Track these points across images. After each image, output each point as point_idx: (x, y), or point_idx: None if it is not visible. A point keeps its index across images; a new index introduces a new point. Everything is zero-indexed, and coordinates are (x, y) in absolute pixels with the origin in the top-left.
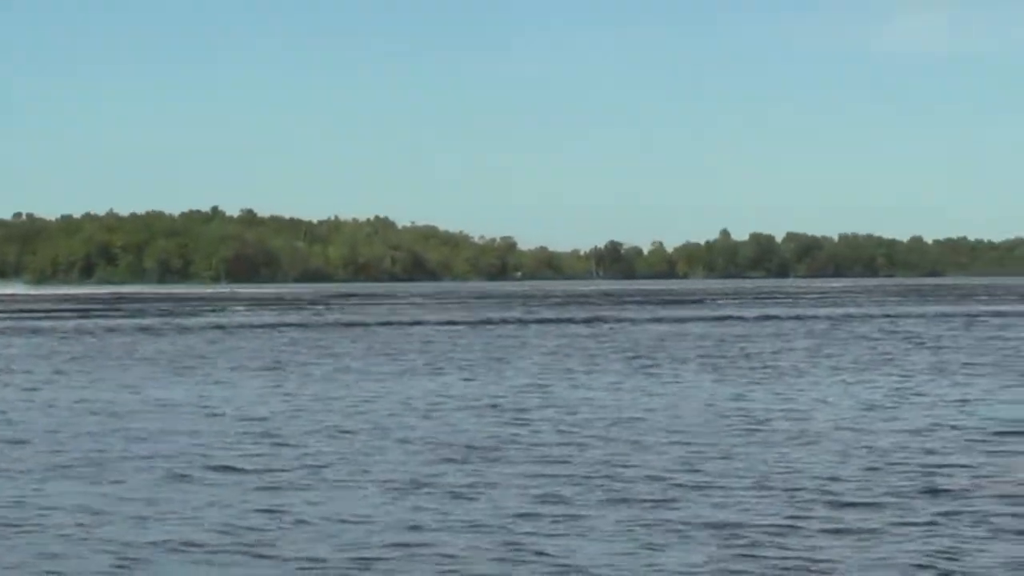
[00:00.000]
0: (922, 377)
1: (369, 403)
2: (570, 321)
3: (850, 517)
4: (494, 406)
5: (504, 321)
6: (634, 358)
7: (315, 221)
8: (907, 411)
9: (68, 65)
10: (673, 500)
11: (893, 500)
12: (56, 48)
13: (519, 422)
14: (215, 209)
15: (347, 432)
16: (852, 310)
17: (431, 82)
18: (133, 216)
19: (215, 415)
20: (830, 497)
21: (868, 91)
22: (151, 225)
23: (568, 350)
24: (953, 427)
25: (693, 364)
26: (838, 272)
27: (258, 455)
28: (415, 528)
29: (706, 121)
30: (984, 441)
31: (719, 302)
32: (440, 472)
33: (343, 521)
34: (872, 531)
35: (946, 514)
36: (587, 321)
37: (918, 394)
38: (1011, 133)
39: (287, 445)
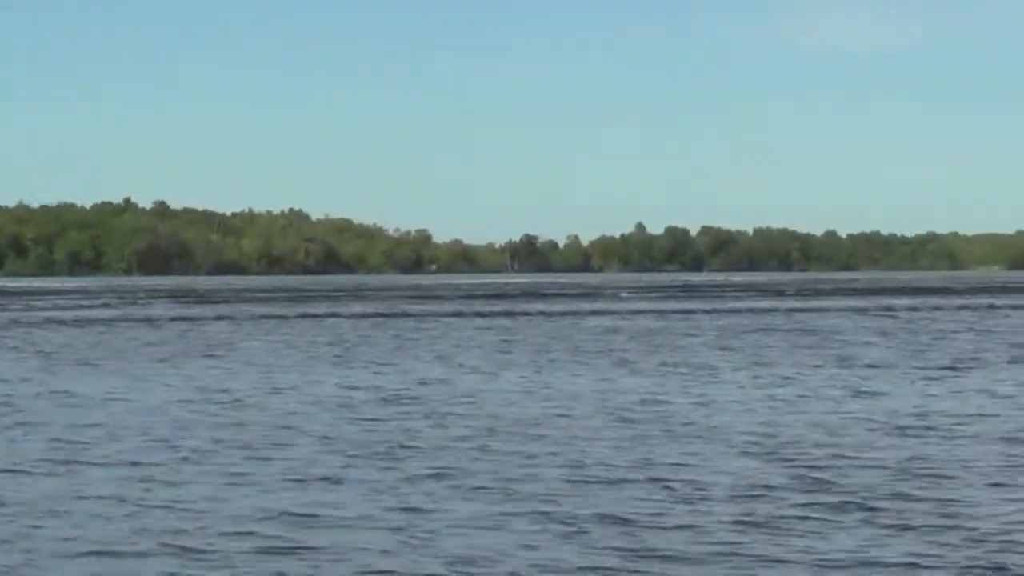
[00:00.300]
0: (821, 372)
1: (271, 396)
2: (479, 315)
3: (738, 510)
4: (389, 400)
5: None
6: (539, 351)
7: (229, 213)
8: (806, 404)
9: None
10: (559, 494)
11: (783, 495)
12: None
13: (420, 416)
14: (127, 201)
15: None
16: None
17: (341, 73)
18: (44, 208)
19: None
20: (724, 491)
21: (785, 85)
22: (62, 217)
23: (478, 343)
24: (855, 419)
25: (597, 357)
26: (752, 266)
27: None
28: (305, 520)
29: (621, 115)
30: (889, 434)
31: (623, 296)
32: (334, 465)
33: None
34: (761, 525)
35: (839, 506)
36: (502, 314)
37: (822, 388)
38: (925, 129)
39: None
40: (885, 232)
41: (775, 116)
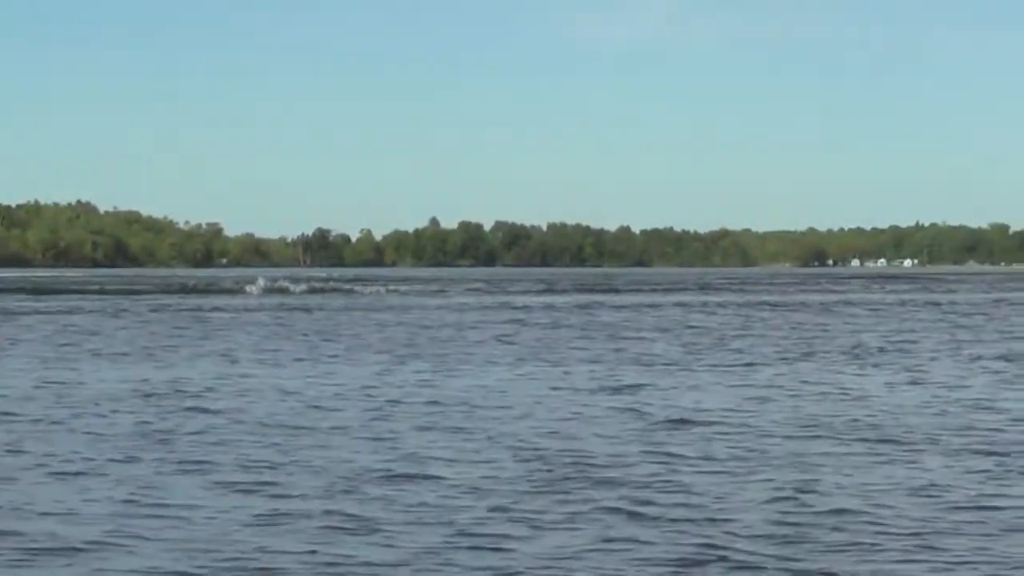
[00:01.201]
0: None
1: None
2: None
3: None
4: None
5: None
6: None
7: (14, 205)
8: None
9: None
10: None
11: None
12: None
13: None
14: None
15: None
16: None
17: (128, 65)
18: None
19: None
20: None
21: (572, 80)
22: None
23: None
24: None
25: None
26: (546, 261)
27: None
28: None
29: (414, 107)
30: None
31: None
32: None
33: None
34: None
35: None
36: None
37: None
38: (718, 125)
39: None
40: (678, 228)
41: (568, 111)
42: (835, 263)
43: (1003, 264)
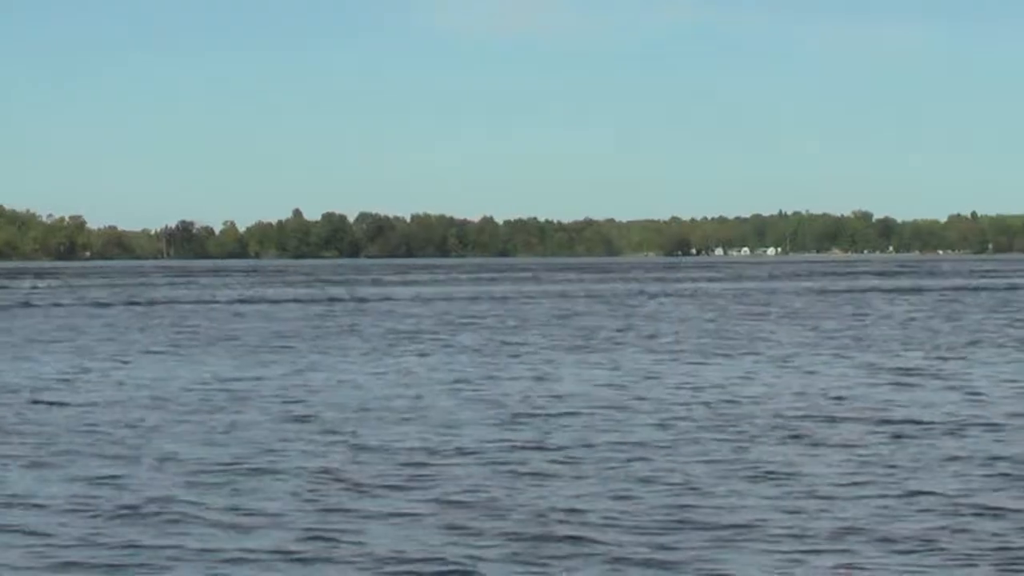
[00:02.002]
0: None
1: None
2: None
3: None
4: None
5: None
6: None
7: None
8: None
9: None
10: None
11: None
12: None
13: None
14: None
15: None
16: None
17: None
18: None
19: None
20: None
21: (437, 71)
22: None
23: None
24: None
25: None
26: (410, 252)
27: None
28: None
29: (278, 98)
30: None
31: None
32: None
33: None
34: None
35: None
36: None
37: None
38: (581, 116)
39: None
40: (542, 218)
41: (432, 103)
42: (698, 252)
43: (866, 252)
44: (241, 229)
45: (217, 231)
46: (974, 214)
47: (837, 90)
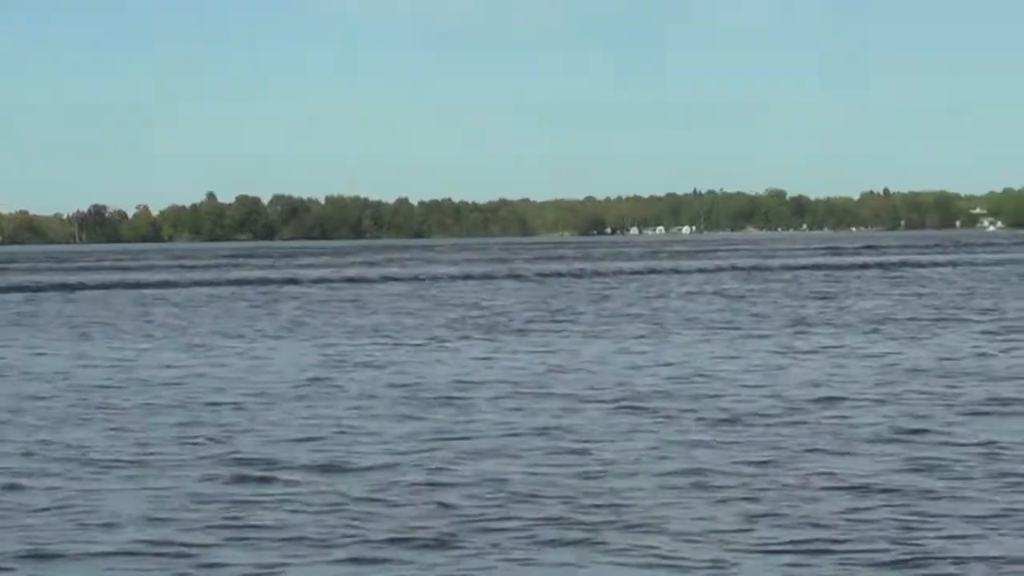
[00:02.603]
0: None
1: None
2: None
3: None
4: None
5: None
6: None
7: None
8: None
9: None
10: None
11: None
12: None
13: None
14: None
15: None
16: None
17: None
18: None
19: None
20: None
21: (347, 52)
22: None
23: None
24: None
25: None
26: (325, 234)
27: None
28: None
29: (192, 81)
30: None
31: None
32: None
33: None
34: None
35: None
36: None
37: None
38: (493, 96)
39: None
40: (456, 199)
41: (344, 84)
42: (613, 231)
43: (779, 229)
44: (154, 213)
45: (130, 215)
46: (886, 191)
47: (737, 69)
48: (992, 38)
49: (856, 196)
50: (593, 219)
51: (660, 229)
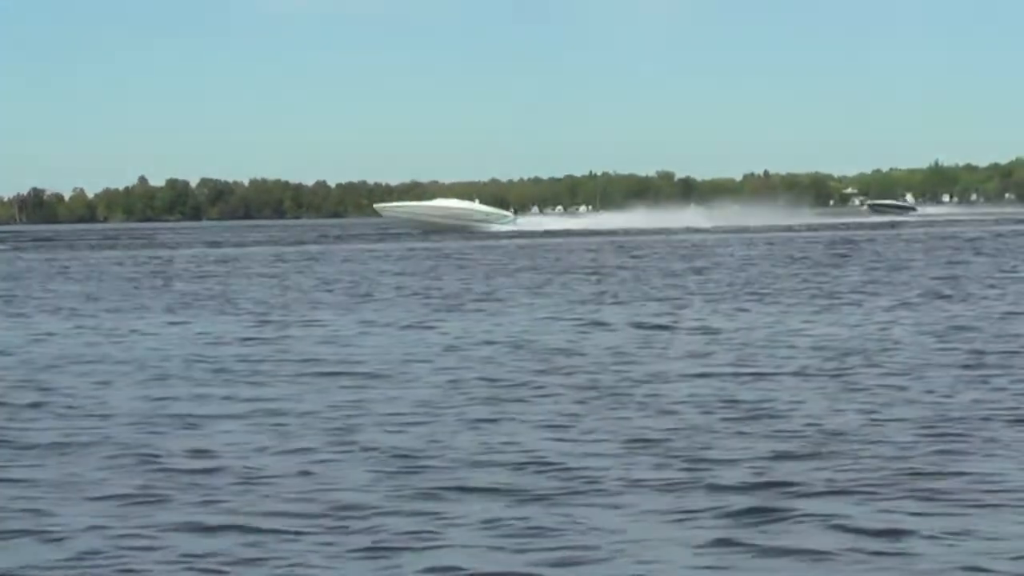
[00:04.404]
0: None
1: None
2: None
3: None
4: None
5: None
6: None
7: None
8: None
9: None
10: None
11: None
12: None
13: None
14: None
15: None
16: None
17: None
18: None
19: None
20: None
21: (265, 39)
22: None
23: None
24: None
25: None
26: (248, 215)
27: None
28: None
29: (122, 68)
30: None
31: None
32: None
33: None
34: None
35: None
36: None
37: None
38: (404, 81)
39: None
40: (371, 181)
41: (263, 70)
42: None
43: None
44: (90, 195)
45: (67, 197)
46: (766, 172)
47: (631, 58)
48: (858, 30)
49: (739, 177)
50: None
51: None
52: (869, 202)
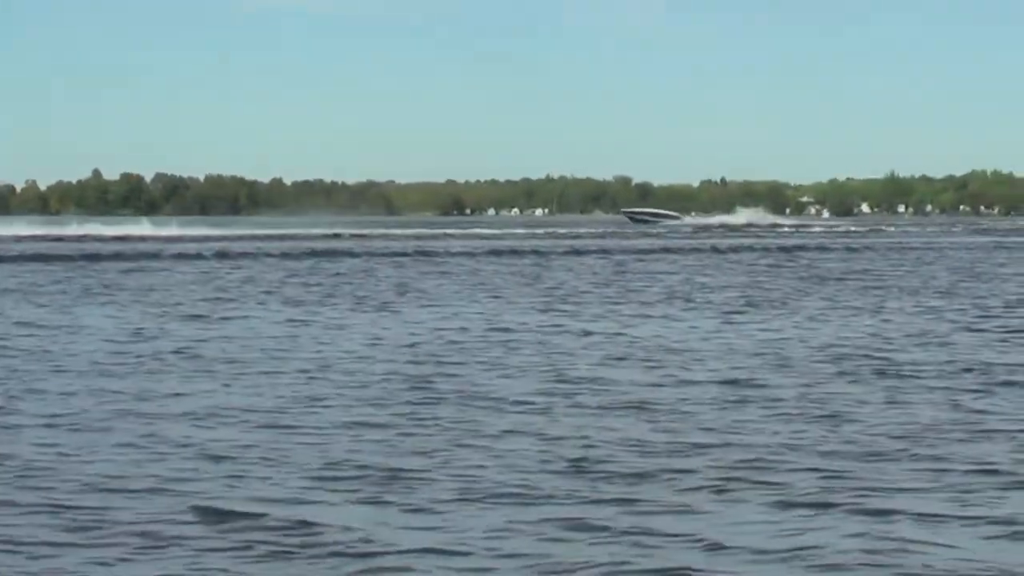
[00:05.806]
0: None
1: None
2: None
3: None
4: None
5: None
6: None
7: None
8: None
9: None
10: None
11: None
12: None
13: None
14: None
15: None
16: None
17: None
18: None
19: None
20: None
21: (223, 36)
22: None
23: None
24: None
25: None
26: (204, 210)
27: None
28: None
29: (77, 60)
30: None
31: None
32: None
33: None
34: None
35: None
36: None
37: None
38: (363, 80)
39: None
40: (327, 179)
41: (221, 67)
42: (472, 212)
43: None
44: (42, 188)
45: (19, 189)
46: (723, 179)
47: (591, 62)
48: (817, 40)
49: (696, 184)
50: (453, 200)
51: (515, 211)
52: (624, 210)
